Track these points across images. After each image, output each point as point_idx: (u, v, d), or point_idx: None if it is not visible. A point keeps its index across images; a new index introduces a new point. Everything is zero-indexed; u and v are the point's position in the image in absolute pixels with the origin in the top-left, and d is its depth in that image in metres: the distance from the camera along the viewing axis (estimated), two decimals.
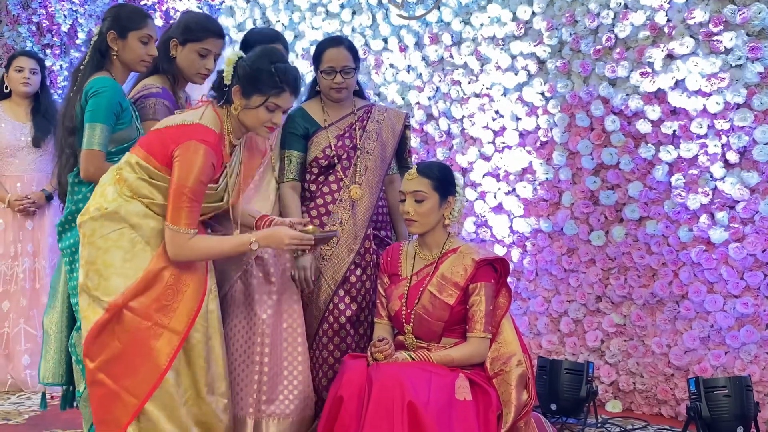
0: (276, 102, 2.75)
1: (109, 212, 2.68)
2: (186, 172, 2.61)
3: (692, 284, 3.94)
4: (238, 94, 2.74)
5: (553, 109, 4.33)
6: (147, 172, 2.69)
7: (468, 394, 2.99)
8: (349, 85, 3.48)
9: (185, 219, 2.61)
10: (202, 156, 2.62)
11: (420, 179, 3.12)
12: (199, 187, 2.63)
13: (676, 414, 4.00)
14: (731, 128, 3.80)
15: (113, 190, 2.71)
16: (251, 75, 2.72)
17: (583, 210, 4.27)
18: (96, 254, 2.69)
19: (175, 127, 2.70)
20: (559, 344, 4.42)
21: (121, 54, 3.01)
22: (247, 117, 2.76)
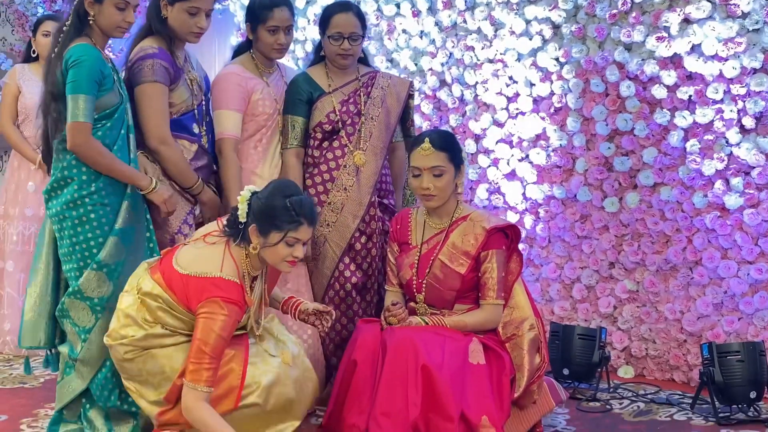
0: (295, 236, 2.70)
1: (136, 339, 2.71)
2: (208, 332, 2.59)
3: (706, 250, 3.93)
4: (255, 233, 2.70)
5: (568, 74, 4.29)
6: (168, 305, 2.70)
7: (482, 358, 3.02)
8: (355, 52, 3.47)
9: (205, 379, 2.59)
10: (226, 316, 2.61)
11: (437, 153, 3.10)
12: (221, 344, 2.61)
13: (688, 380, 4.01)
14: (747, 93, 3.76)
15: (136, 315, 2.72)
16: (267, 213, 2.68)
17: (597, 176, 4.25)
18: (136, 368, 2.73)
19: (197, 279, 2.66)
20: (572, 311, 4.43)
21: (97, 19, 2.96)
22: (267, 255, 2.72)
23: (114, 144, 2.98)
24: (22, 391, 3.99)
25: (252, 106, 3.44)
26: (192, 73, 3.30)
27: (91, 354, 2.99)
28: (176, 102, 3.22)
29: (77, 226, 2.95)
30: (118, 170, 2.96)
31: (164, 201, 3.06)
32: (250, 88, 3.43)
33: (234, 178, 3.34)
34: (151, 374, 2.71)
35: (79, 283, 2.96)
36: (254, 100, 3.43)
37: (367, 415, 2.88)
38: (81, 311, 2.99)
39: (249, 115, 3.44)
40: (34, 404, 3.72)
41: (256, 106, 3.44)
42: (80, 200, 2.94)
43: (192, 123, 3.29)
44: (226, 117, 3.39)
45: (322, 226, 3.47)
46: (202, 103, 3.34)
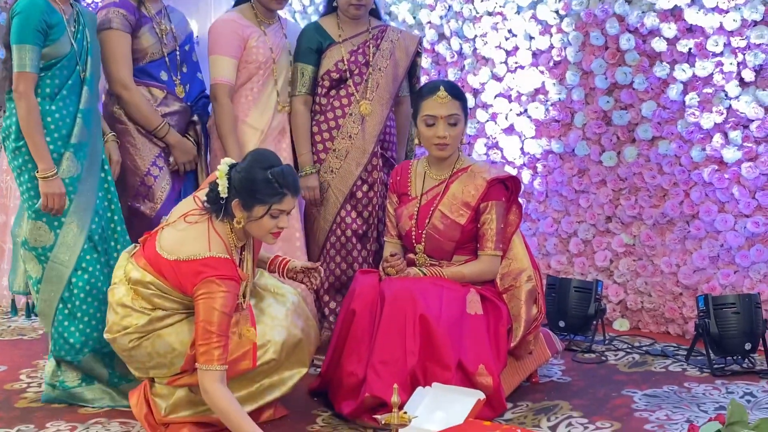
0: (279, 208, 2.65)
1: (141, 326, 2.67)
2: (210, 311, 2.54)
3: (703, 204, 3.94)
4: (239, 207, 2.64)
5: (567, 27, 4.26)
6: (162, 290, 2.66)
7: (479, 308, 3.04)
8: (368, 2, 3.54)
9: (217, 357, 2.55)
10: (225, 292, 2.56)
11: (453, 101, 3.10)
12: (226, 321, 2.57)
13: (683, 332, 4.04)
14: (747, 46, 3.73)
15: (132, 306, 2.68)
16: (249, 187, 2.62)
17: (596, 130, 4.24)
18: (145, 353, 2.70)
19: (187, 263, 2.60)
20: (568, 264, 4.45)
21: None
22: (252, 228, 2.68)
23: (57, 94, 2.96)
24: (21, 342, 4.01)
25: (246, 53, 3.48)
26: (163, 24, 3.33)
27: (43, 305, 3.02)
28: (142, 47, 3.26)
29: (20, 176, 2.96)
30: (33, 139, 2.89)
31: (47, 193, 2.92)
32: (246, 36, 3.46)
33: (227, 124, 3.42)
34: (161, 354, 2.68)
35: (25, 233, 2.97)
36: (249, 46, 3.48)
37: (366, 364, 2.90)
38: (30, 261, 3.01)
39: (242, 62, 3.49)
40: (33, 355, 3.75)
41: (250, 53, 3.48)
42: (18, 150, 2.94)
43: (160, 70, 3.33)
44: (220, 62, 3.45)
45: (327, 172, 3.58)
46: (175, 52, 3.37)
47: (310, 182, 3.53)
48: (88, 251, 3.03)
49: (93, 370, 3.04)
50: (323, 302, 3.64)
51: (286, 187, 2.64)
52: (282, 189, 2.63)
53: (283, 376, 2.83)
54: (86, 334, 3.03)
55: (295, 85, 3.58)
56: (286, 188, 2.64)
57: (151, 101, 3.28)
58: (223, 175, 2.64)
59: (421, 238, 3.20)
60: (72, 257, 3.00)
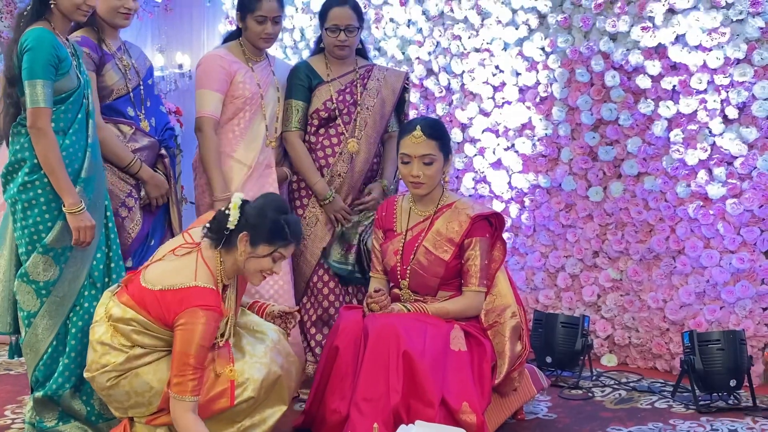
0: (282, 252, 2.74)
1: (118, 364, 2.67)
2: (188, 342, 2.56)
3: (689, 239, 3.95)
4: (245, 241, 2.68)
5: (554, 64, 4.31)
6: (144, 326, 2.67)
7: (463, 344, 3.04)
8: (351, 43, 3.61)
9: (190, 389, 2.57)
10: (204, 324, 2.57)
11: (428, 142, 3.11)
12: (203, 353, 2.59)
13: (670, 368, 4.04)
14: (731, 83, 3.78)
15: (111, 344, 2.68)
16: (262, 225, 2.68)
17: (582, 165, 4.27)
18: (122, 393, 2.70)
19: (172, 292, 2.62)
20: (556, 299, 4.46)
21: (58, 4, 2.95)
22: (249, 264, 2.71)
23: (69, 128, 2.97)
24: (7, 377, 4.00)
25: (233, 88, 3.52)
26: (125, 59, 3.34)
27: (35, 339, 2.99)
28: (107, 85, 3.26)
29: (27, 210, 2.94)
30: (58, 174, 2.89)
31: (78, 227, 2.91)
32: (232, 71, 3.51)
33: (212, 156, 3.46)
34: (139, 393, 2.68)
35: (26, 266, 2.95)
36: (236, 81, 3.52)
37: (349, 401, 2.89)
38: (26, 295, 2.97)
39: (229, 97, 3.53)
40: (19, 391, 3.73)
41: (237, 88, 3.52)
42: (30, 183, 2.92)
43: (127, 106, 3.32)
44: (206, 96, 3.49)
45: (315, 207, 3.63)
46: (139, 87, 3.36)
47: (337, 204, 3.60)
48: (87, 287, 3.02)
49: (71, 408, 3.02)
50: (310, 335, 3.65)
51: (293, 236, 2.75)
52: (290, 237, 2.72)
53: (264, 414, 2.82)
54: (70, 369, 3.01)
55: (289, 122, 3.62)
56: (293, 237, 2.75)
57: (121, 138, 3.27)
58: (237, 208, 2.69)
59: (405, 274, 3.21)
60: (73, 292, 3.00)
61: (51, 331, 2.99)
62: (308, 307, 3.66)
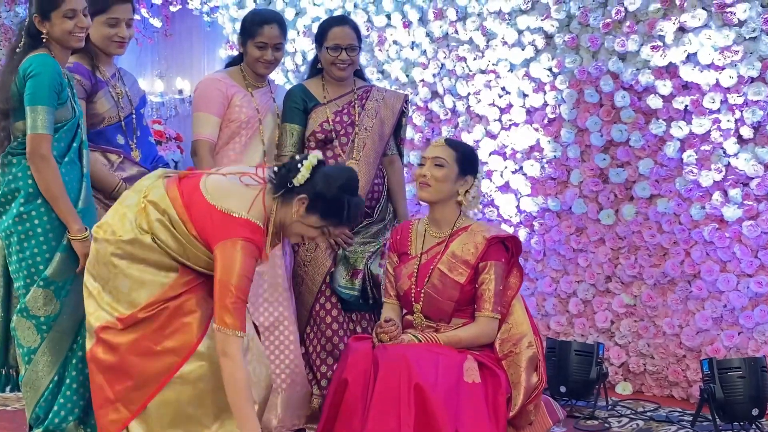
0: (332, 231, 2.71)
1: (123, 241, 2.59)
2: (230, 271, 2.47)
3: (704, 263, 3.85)
4: (302, 205, 2.60)
5: (561, 85, 4.23)
6: (173, 224, 2.58)
7: (477, 376, 2.92)
8: (353, 62, 3.53)
9: (232, 321, 2.46)
10: (245, 254, 2.49)
11: (445, 147, 3.06)
12: (245, 284, 2.50)
13: (687, 396, 3.92)
14: (745, 102, 3.70)
15: (133, 217, 2.60)
16: (324, 197, 2.59)
17: (592, 188, 4.18)
18: (107, 275, 2.61)
19: (222, 215, 2.54)
20: (568, 325, 4.34)
21: (51, 34, 2.90)
22: (295, 226, 2.64)
23: (64, 157, 2.90)
24: (4, 413, 3.89)
25: (229, 111, 3.45)
26: (119, 87, 3.27)
27: (35, 377, 2.90)
28: (99, 112, 3.18)
29: (23, 242, 2.85)
30: (61, 202, 2.83)
31: (86, 254, 2.82)
32: (230, 95, 3.45)
33: None
34: (117, 290, 2.58)
35: (25, 301, 2.86)
36: (233, 105, 3.46)
37: None
38: (26, 330, 2.88)
39: (225, 121, 3.46)
40: (16, 427, 3.62)
41: (233, 112, 3.45)
42: (26, 214, 2.84)
43: (117, 134, 3.25)
44: (202, 119, 3.42)
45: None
46: (131, 116, 3.29)
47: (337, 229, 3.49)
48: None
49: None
50: (315, 366, 3.53)
51: (349, 219, 2.66)
52: (344, 219, 2.65)
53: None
54: (73, 401, 2.91)
55: (284, 146, 3.53)
56: (348, 220, 2.66)
57: (108, 166, 3.20)
58: (310, 167, 2.59)
59: (420, 298, 3.10)
60: (73, 326, 2.91)
61: (52, 368, 2.89)
62: (312, 337, 3.55)
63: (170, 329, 2.58)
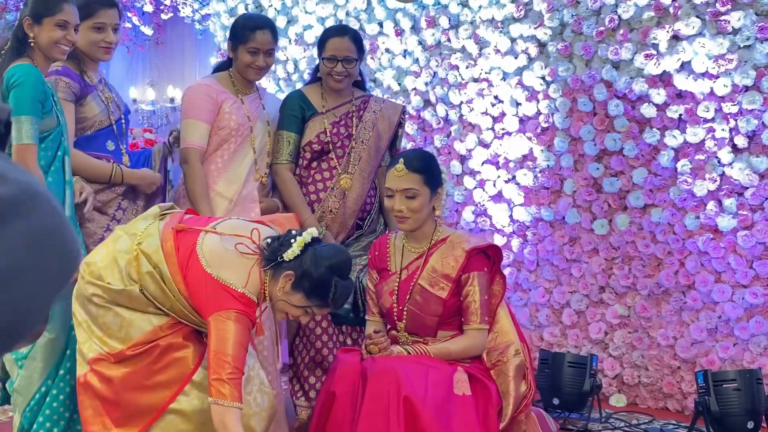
0: (315, 311, 2.62)
1: (110, 289, 2.55)
2: (225, 341, 2.41)
3: (699, 274, 3.81)
4: (288, 282, 2.54)
5: (555, 93, 4.18)
6: (164, 280, 2.54)
7: (467, 388, 2.86)
8: (350, 74, 3.48)
9: (228, 390, 2.38)
10: (240, 326, 2.45)
11: (410, 175, 2.94)
12: (242, 353, 2.44)
13: (682, 408, 3.87)
14: (739, 111, 3.66)
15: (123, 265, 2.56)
16: (311, 277, 2.53)
17: (586, 198, 4.13)
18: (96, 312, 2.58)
19: (219, 287, 2.49)
20: (561, 336, 4.29)
21: (37, 40, 2.87)
22: (280, 303, 2.58)
23: (51, 165, 2.87)
24: None
25: (219, 118, 3.39)
26: (107, 92, 3.26)
27: (27, 383, 2.86)
28: (88, 116, 3.16)
29: None
30: None
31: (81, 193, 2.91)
32: (219, 101, 3.38)
33: (199, 187, 3.29)
34: (107, 326, 2.55)
35: None
36: (222, 111, 3.39)
37: None
38: None
39: (214, 128, 3.39)
40: None
41: (223, 119, 3.39)
42: None
43: (107, 140, 3.23)
44: (192, 126, 3.35)
45: None
46: (120, 121, 3.28)
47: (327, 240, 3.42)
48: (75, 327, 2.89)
49: None
50: (303, 378, 3.47)
51: (335, 301, 2.59)
52: (330, 300, 2.57)
53: None
54: (59, 413, 2.86)
55: (279, 154, 3.48)
56: (334, 302, 2.60)
57: None
58: (302, 244, 2.54)
59: (402, 315, 3.04)
60: (64, 331, 2.87)
61: (42, 374, 2.86)
62: (300, 349, 3.49)
63: (161, 364, 2.56)
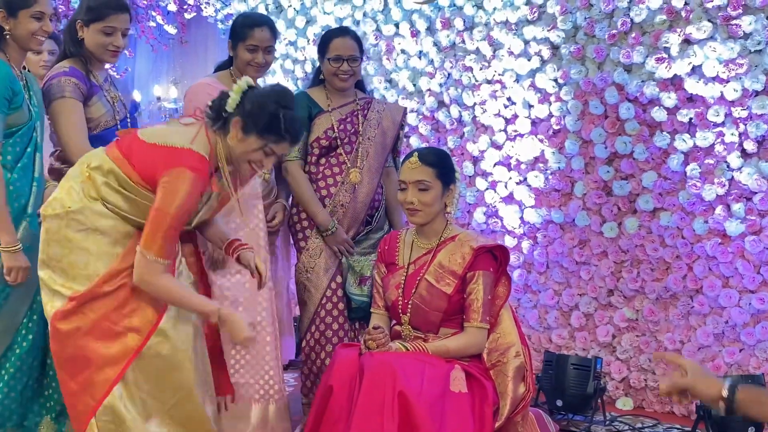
0: (274, 149, 2.61)
1: (73, 212, 2.56)
2: (171, 199, 2.46)
3: (707, 278, 3.79)
4: (238, 127, 2.58)
5: (566, 96, 4.19)
6: (120, 181, 2.56)
7: (463, 386, 2.88)
8: (354, 72, 3.56)
9: (159, 247, 2.46)
10: (189, 184, 2.48)
11: (423, 168, 3.01)
12: (183, 215, 2.49)
13: (688, 413, 3.85)
14: (749, 116, 3.64)
15: (79, 189, 2.58)
16: (257, 115, 2.56)
17: (596, 200, 4.13)
18: (61, 253, 2.57)
19: (165, 149, 2.54)
20: (569, 339, 4.29)
21: (13, 32, 2.90)
22: (238, 149, 2.61)
23: (18, 161, 2.90)
24: None
25: None
26: (113, 92, 3.28)
27: None
28: (94, 116, 3.18)
29: None
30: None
31: (12, 267, 2.82)
32: None
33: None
34: (71, 266, 2.54)
35: None
36: None
37: None
38: None
39: None
40: None
41: None
42: None
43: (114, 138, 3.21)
44: None
45: (318, 238, 3.53)
46: (126, 120, 3.31)
47: (340, 236, 3.51)
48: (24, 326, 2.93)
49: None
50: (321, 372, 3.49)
51: (289, 132, 2.61)
52: (284, 133, 2.59)
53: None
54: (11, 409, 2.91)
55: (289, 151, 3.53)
56: (288, 134, 2.61)
57: None
58: (240, 92, 2.59)
59: (407, 309, 3.08)
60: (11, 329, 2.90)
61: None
62: (313, 344, 3.52)
63: (129, 308, 2.55)
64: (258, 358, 3.30)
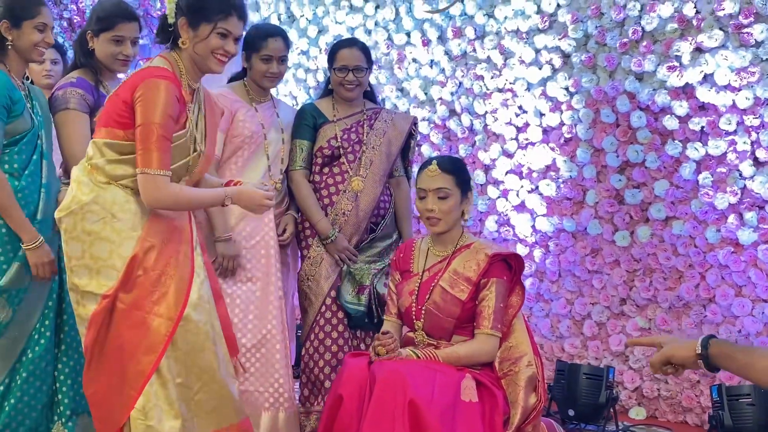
0: (226, 27, 2.59)
1: (87, 203, 2.55)
2: (152, 109, 2.45)
3: (719, 287, 3.77)
4: (186, 27, 2.59)
5: (578, 104, 4.19)
6: (115, 149, 2.55)
7: (474, 395, 2.87)
8: (360, 83, 3.59)
9: (157, 160, 2.45)
10: (164, 90, 2.47)
11: (443, 176, 3.02)
12: (168, 122, 2.48)
13: (701, 422, 3.83)
14: (761, 124, 3.63)
15: (87, 180, 2.58)
16: (196, 4, 2.58)
17: (608, 209, 4.12)
18: (81, 248, 2.56)
19: (129, 79, 2.55)
20: (582, 348, 4.28)
21: (16, 43, 2.93)
22: (198, 48, 2.60)
23: (25, 169, 2.92)
24: None
25: (233, 126, 3.46)
26: None
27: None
28: None
29: None
30: (11, 213, 2.84)
31: (37, 263, 2.87)
32: (233, 109, 3.47)
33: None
34: (96, 259, 2.53)
35: None
36: (236, 120, 3.46)
37: None
38: None
39: (229, 136, 3.46)
40: None
41: (237, 127, 3.46)
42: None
43: None
44: None
45: (320, 246, 3.55)
46: None
47: (340, 244, 3.52)
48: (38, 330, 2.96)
49: None
50: (319, 382, 3.50)
51: (232, 6, 2.61)
52: (228, 8, 2.59)
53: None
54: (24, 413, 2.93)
55: (294, 161, 3.57)
56: (233, 8, 2.61)
57: None
58: (173, 1, 2.59)
59: (420, 315, 3.08)
60: (24, 334, 2.92)
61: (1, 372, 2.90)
62: (312, 352, 3.51)
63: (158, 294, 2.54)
64: (267, 366, 3.31)
